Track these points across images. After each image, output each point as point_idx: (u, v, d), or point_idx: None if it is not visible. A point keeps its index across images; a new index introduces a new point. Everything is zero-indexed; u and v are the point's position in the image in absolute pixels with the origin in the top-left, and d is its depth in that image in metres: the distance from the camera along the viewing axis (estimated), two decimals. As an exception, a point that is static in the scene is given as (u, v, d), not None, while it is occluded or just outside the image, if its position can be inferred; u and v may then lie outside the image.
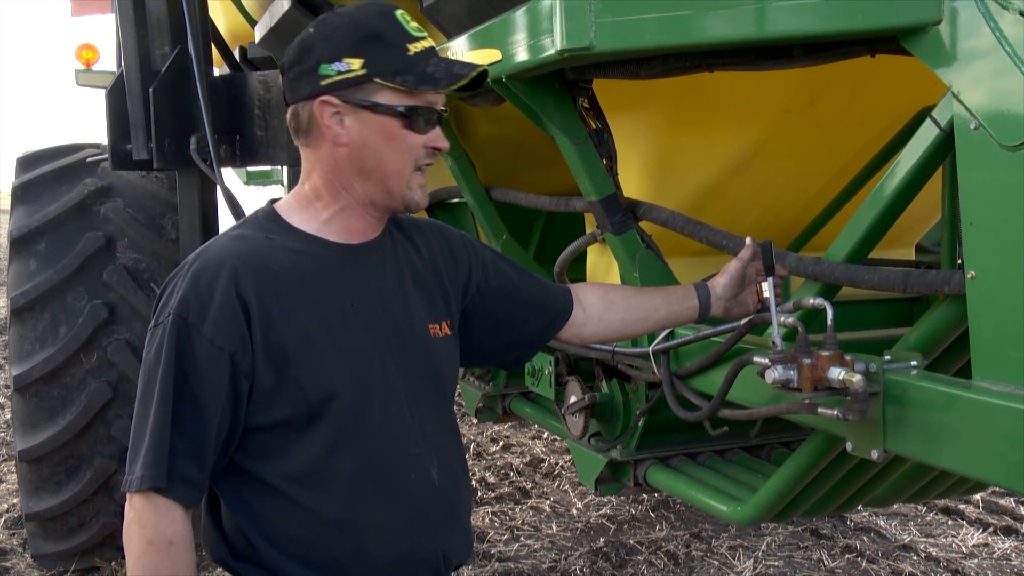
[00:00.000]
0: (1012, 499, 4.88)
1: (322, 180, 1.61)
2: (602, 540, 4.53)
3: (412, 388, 1.64)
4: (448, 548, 1.67)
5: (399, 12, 1.58)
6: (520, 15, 1.89)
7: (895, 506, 4.71)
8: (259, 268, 1.53)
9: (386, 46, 1.54)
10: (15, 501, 4.89)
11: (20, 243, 3.97)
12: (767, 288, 1.82)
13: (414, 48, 1.55)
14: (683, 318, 1.98)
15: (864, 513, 4.76)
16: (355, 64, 1.53)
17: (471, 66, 1.60)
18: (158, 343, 1.50)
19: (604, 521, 4.82)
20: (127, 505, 1.49)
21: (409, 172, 1.59)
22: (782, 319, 1.74)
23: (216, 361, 1.48)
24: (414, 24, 1.59)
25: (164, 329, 1.49)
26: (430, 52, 1.58)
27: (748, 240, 1.96)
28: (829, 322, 1.66)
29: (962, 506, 4.86)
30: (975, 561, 4.25)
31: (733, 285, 1.94)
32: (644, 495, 5.05)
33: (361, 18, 1.55)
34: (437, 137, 1.61)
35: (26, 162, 4.32)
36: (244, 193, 9.03)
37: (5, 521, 4.76)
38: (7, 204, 4.31)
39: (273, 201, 1.68)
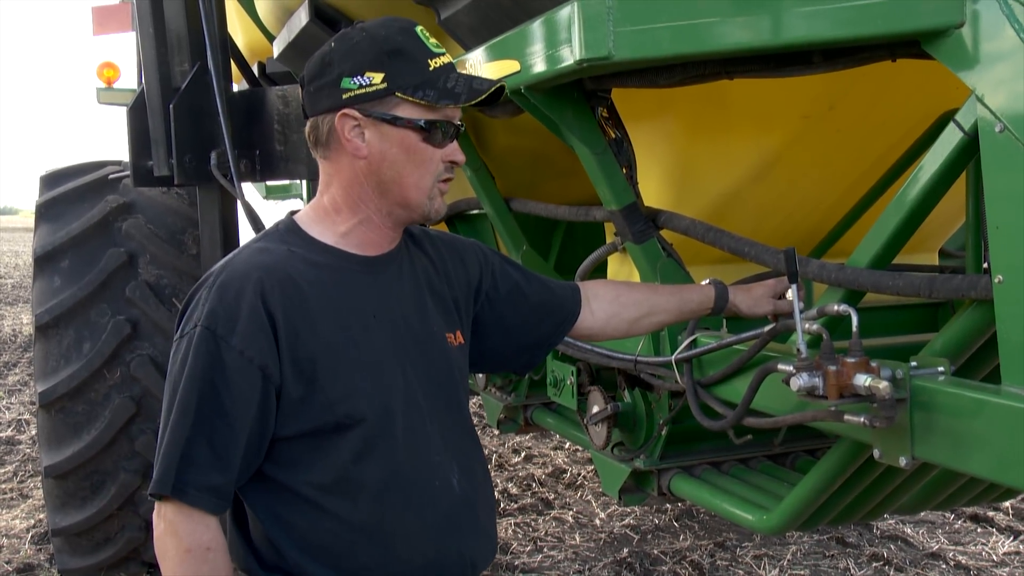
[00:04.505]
0: (1042, 505, 4.82)
1: (341, 193, 1.63)
2: (626, 550, 4.51)
3: (431, 397, 1.66)
4: (474, 553, 1.69)
5: (419, 28, 1.61)
6: (538, 26, 1.89)
7: (922, 513, 4.66)
8: (284, 281, 1.54)
9: (406, 61, 1.56)
10: (42, 516, 4.92)
11: (44, 260, 4.01)
12: (791, 294, 1.80)
13: (434, 63, 1.58)
14: (695, 308, 2.04)
15: (891, 521, 4.71)
16: (376, 78, 1.55)
17: (490, 81, 1.62)
18: (183, 354, 1.51)
19: (628, 531, 4.80)
20: (156, 516, 1.51)
21: (428, 185, 1.61)
22: (806, 326, 1.73)
23: (246, 373, 1.49)
24: (434, 41, 1.61)
25: (190, 341, 1.51)
26: (449, 67, 1.60)
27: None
28: (854, 328, 1.65)
29: (991, 513, 4.80)
30: (1006, 570, 4.20)
31: (750, 293, 2.06)
32: (668, 505, 5.02)
33: (383, 34, 1.58)
34: (454, 151, 1.63)
35: (49, 180, 4.37)
36: (264, 207, 9.08)
37: (32, 536, 4.80)
38: (32, 222, 4.36)
39: (293, 213, 1.71)
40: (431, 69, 1.57)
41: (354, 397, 1.56)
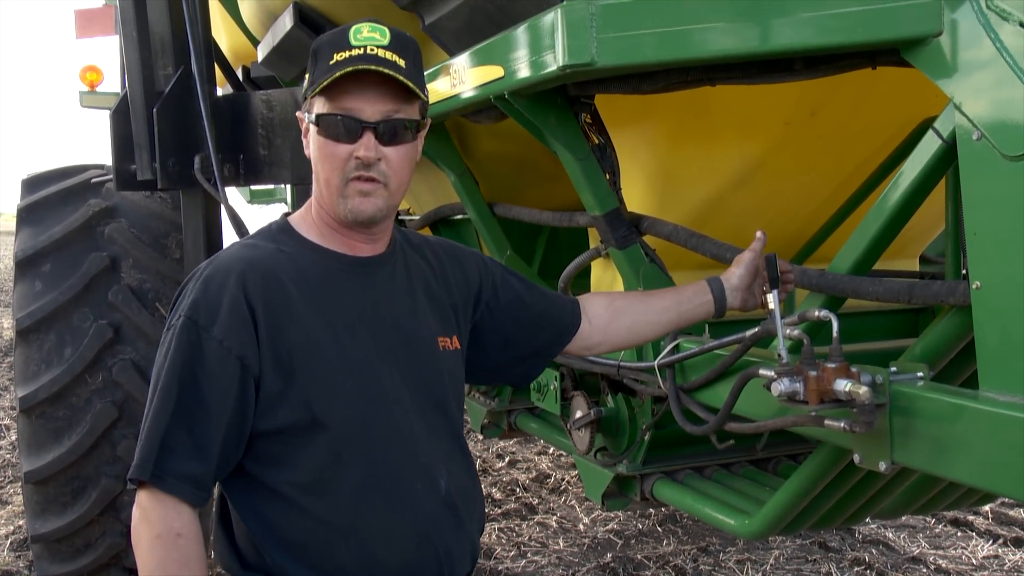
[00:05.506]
0: (1022, 510, 4.85)
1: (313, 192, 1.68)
2: (609, 555, 4.52)
3: (419, 399, 1.66)
4: (454, 557, 1.68)
5: (362, 24, 1.57)
6: (522, 32, 1.90)
7: (904, 518, 4.68)
8: (267, 275, 1.56)
9: (322, 57, 1.57)
10: (21, 523, 4.88)
11: (25, 264, 3.97)
12: (772, 300, 1.81)
13: (341, 55, 1.53)
14: (698, 315, 1.97)
15: (872, 525, 4.73)
16: (307, 80, 1.60)
17: (384, 63, 1.51)
18: (167, 345, 1.54)
19: (611, 536, 4.80)
20: (135, 505, 1.52)
21: (337, 183, 1.58)
22: (787, 331, 1.74)
23: (225, 363, 1.51)
24: (369, 34, 1.54)
25: (174, 331, 1.53)
26: (359, 58, 1.52)
27: (759, 233, 1.97)
28: (835, 334, 1.66)
29: (971, 517, 4.83)
30: (985, 573, 4.23)
31: (748, 275, 1.94)
32: (651, 510, 5.03)
33: (324, 36, 1.60)
34: (360, 146, 1.55)
35: (31, 183, 4.33)
36: (248, 212, 9.06)
37: (11, 543, 4.76)
38: (13, 226, 4.33)
39: (287, 215, 1.73)
40: (334, 61, 1.52)
41: (333, 395, 1.56)
